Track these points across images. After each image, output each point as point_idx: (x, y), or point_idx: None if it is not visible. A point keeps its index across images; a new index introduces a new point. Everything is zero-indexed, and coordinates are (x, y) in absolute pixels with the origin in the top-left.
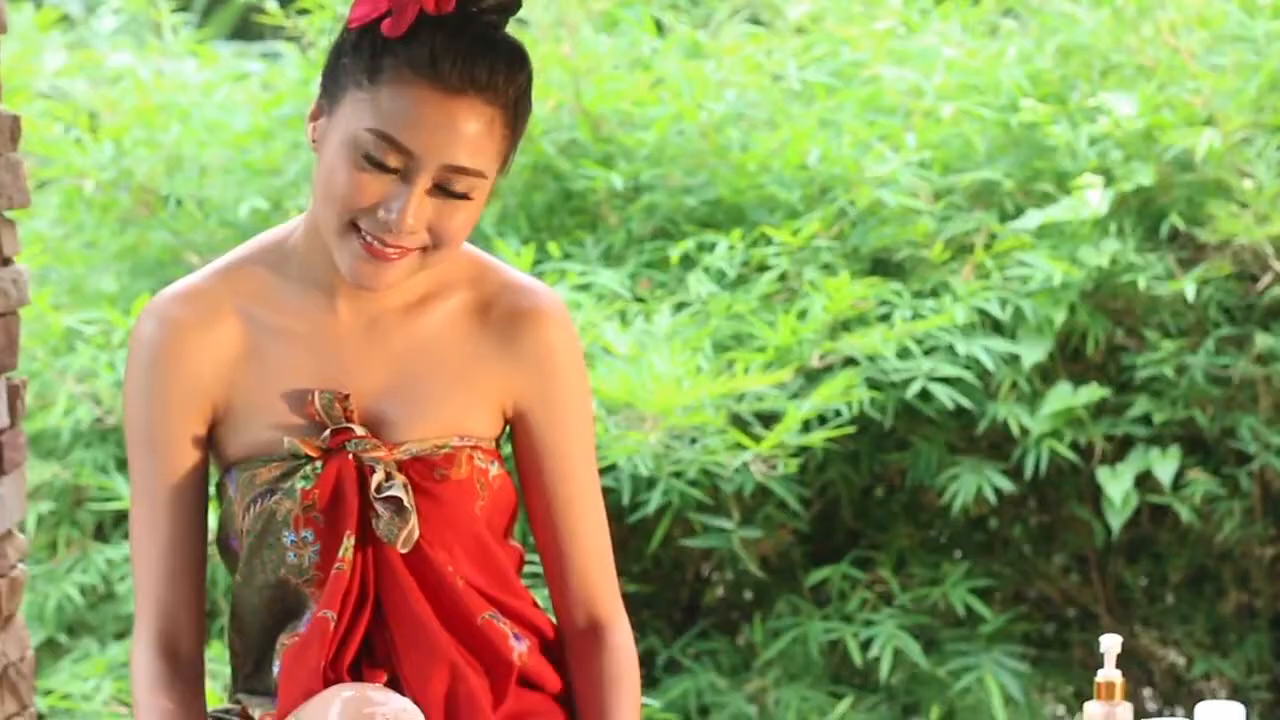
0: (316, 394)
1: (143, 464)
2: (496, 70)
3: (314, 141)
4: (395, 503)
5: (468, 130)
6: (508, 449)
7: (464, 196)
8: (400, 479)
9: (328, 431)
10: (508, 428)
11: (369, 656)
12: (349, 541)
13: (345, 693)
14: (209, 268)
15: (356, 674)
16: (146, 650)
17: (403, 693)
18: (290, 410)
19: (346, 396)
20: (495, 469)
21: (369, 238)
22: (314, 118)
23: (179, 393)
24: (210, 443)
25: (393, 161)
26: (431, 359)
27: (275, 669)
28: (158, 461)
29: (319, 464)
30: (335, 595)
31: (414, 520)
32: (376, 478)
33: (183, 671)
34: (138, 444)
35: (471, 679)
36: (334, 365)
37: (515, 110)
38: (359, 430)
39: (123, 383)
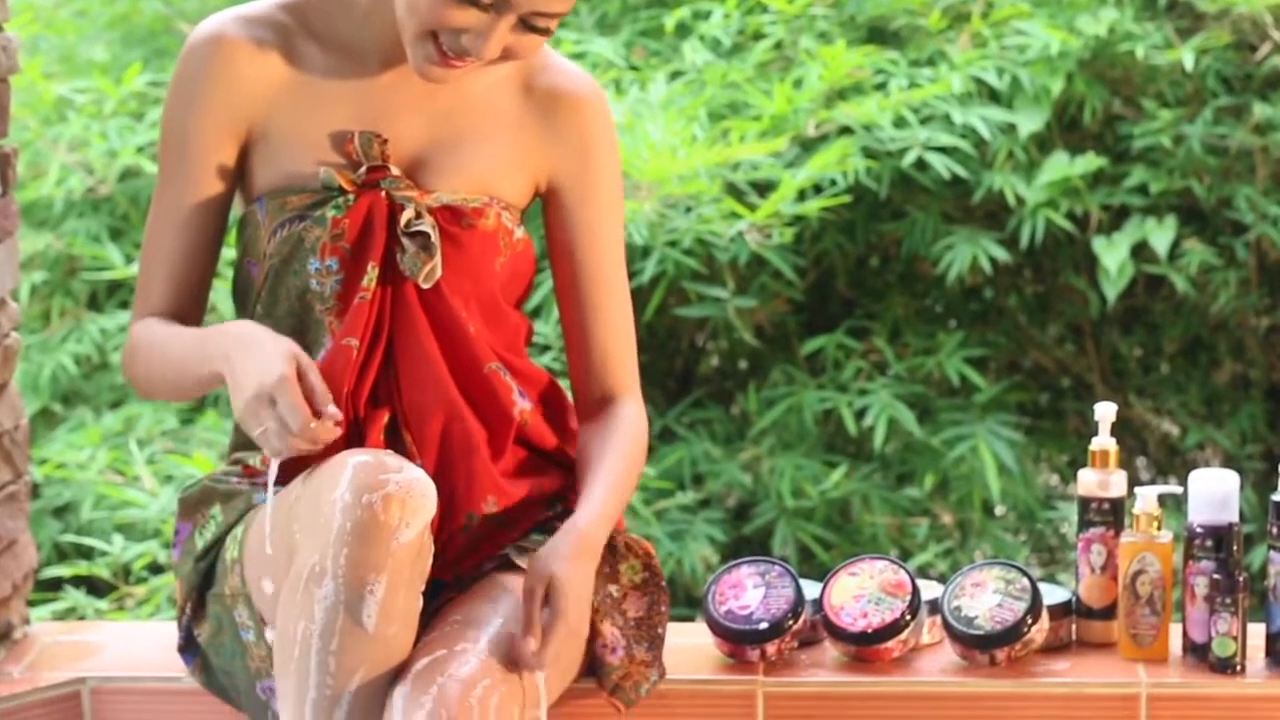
0: (356, 133)
1: (172, 169)
2: None
3: None
4: (422, 238)
5: None
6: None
7: (544, 31)
8: (429, 219)
9: (364, 168)
10: (535, 203)
11: (373, 394)
12: (373, 272)
13: (357, 458)
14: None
15: (370, 407)
16: (141, 321)
17: (399, 431)
18: (328, 145)
19: (385, 140)
20: (520, 232)
21: (447, 49)
22: None
23: (223, 105)
24: (241, 173)
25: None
26: (472, 119)
27: None
28: (188, 168)
29: (351, 196)
30: (357, 324)
31: (439, 257)
32: (406, 214)
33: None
34: (171, 149)
35: (469, 422)
36: (377, 109)
37: None
38: (394, 170)
39: (167, 90)
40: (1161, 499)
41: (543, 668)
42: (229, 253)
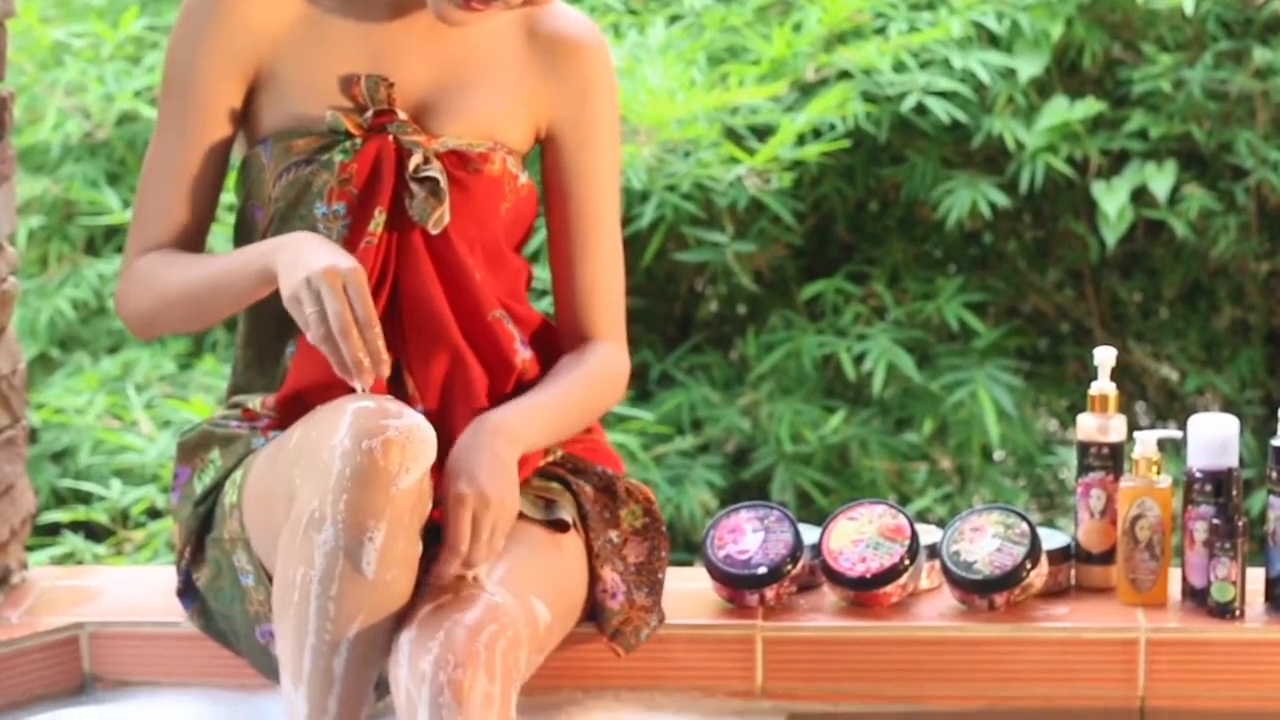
0: (363, 77)
1: (175, 111)
2: None
3: None
4: (431, 184)
5: None
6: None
7: None
8: (437, 164)
9: (370, 112)
10: (535, 148)
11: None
12: (380, 217)
13: (357, 403)
14: None
15: None
16: (140, 257)
17: (402, 376)
18: (335, 88)
19: (392, 84)
20: (524, 177)
21: None
22: None
23: (230, 44)
24: (246, 115)
25: None
26: (477, 64)
27: (289, 348)
28: (192, 111)
29: (359, 141)
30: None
31: (447, 203)
32: (415, 159)
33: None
34: (175, 91)
35: (472, 369)
36: (384, 53)
37: None
38: (401, 115)
39: (172, 31)
40: (1161, 444)
41: (475, 565)
42: (227, 197)
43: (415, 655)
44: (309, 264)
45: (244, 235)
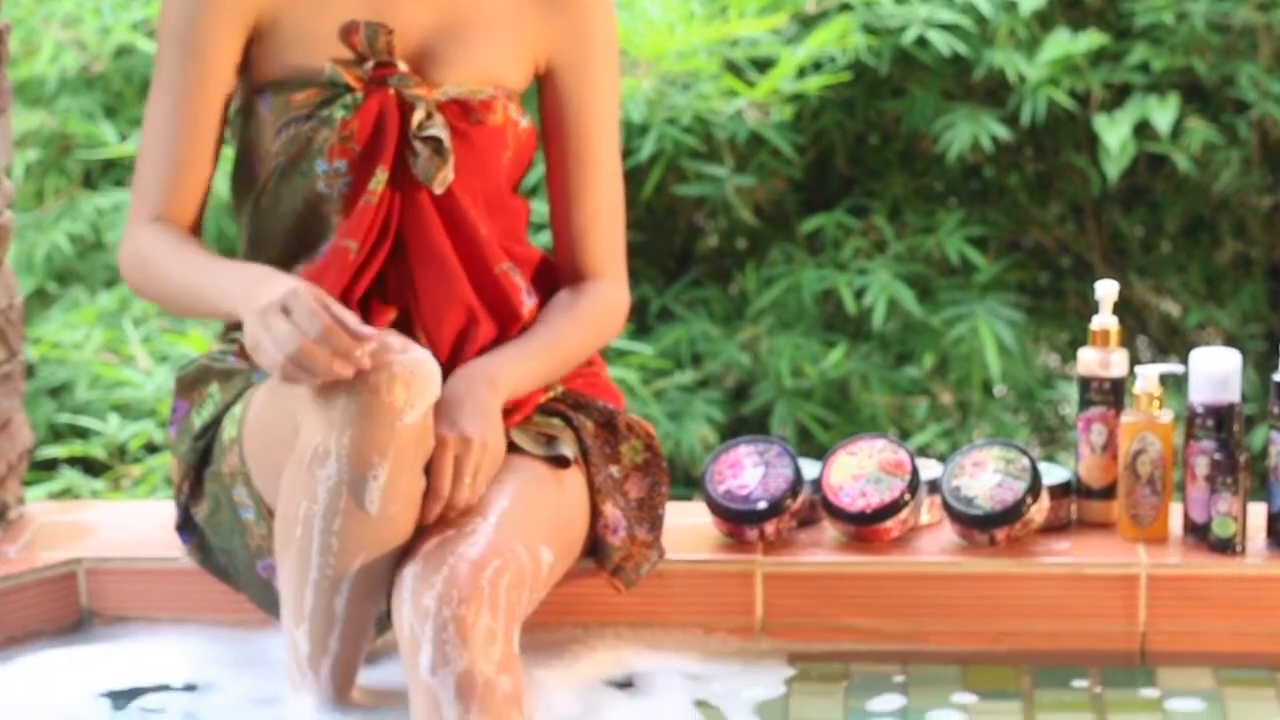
0: (362, 24)
1: (173, 61)
2: None
3: None
4: (435, 143)
5: None
6: None
7: None
8: (440, 119)
9: (370, 63)
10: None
11: (381, 292)
12: (381, 175)
13: None
14: None
15: (366, 306)
16: (144, 227)
17: (413, 331)
18: (334, 37)
19: (391, 31)
20: (525, 122)
21: None
22: None
23: None
24: (243, 64)
25: None
26: (475, 6)
27: None
28: (190, 61)
29: (360, 95)
30: (359, 227)
31: (452, 161)
32: (418, 115)
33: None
34: (172, 40)
35: (483, 324)
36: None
37: None
38: (402, 66)
39: None
40: (1162, 378)
41: (456, 508)
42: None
43: (418, 591)
44: (257, 305)
45: (242, 186)
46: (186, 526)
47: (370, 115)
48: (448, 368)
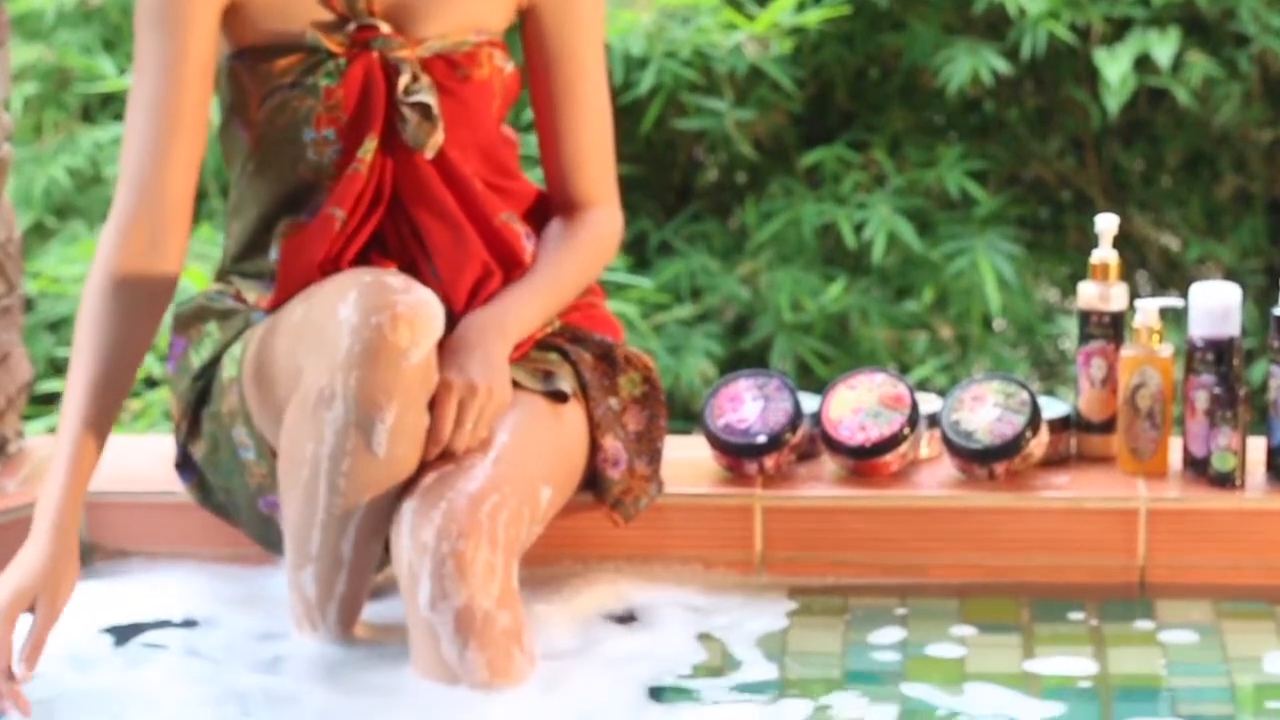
0: None
1: (151, 42)
2: None
3: None
4: (423, 109)
5: None
6: None
7: None
8: (426, 80)
9: (351, 25)
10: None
11: (380, 249)
12: (370, 143)
13: (363, 278)
14: None
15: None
16: (121, 236)
17: (431, 288)
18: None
19: None
20: (510, 67)
21: None
22: None
23: None
24: (223, 27)
25: None
26: None
27: (272, 254)
28: (170, 41)
29: (343, 61)
30: (347, 195)
31: (441, 126)
32: (404, 79)
33: (158, 267)
34: (150, 22)
35: (495, 276)
36: None
37: None
38: (384, 28)
39: None
40: (1162, 312)
41: (456, 452)
42: None
43: (418, 526)
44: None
45: (230, 150)
46: (185, 465)
47: (355, 82)
48: (459, 320)
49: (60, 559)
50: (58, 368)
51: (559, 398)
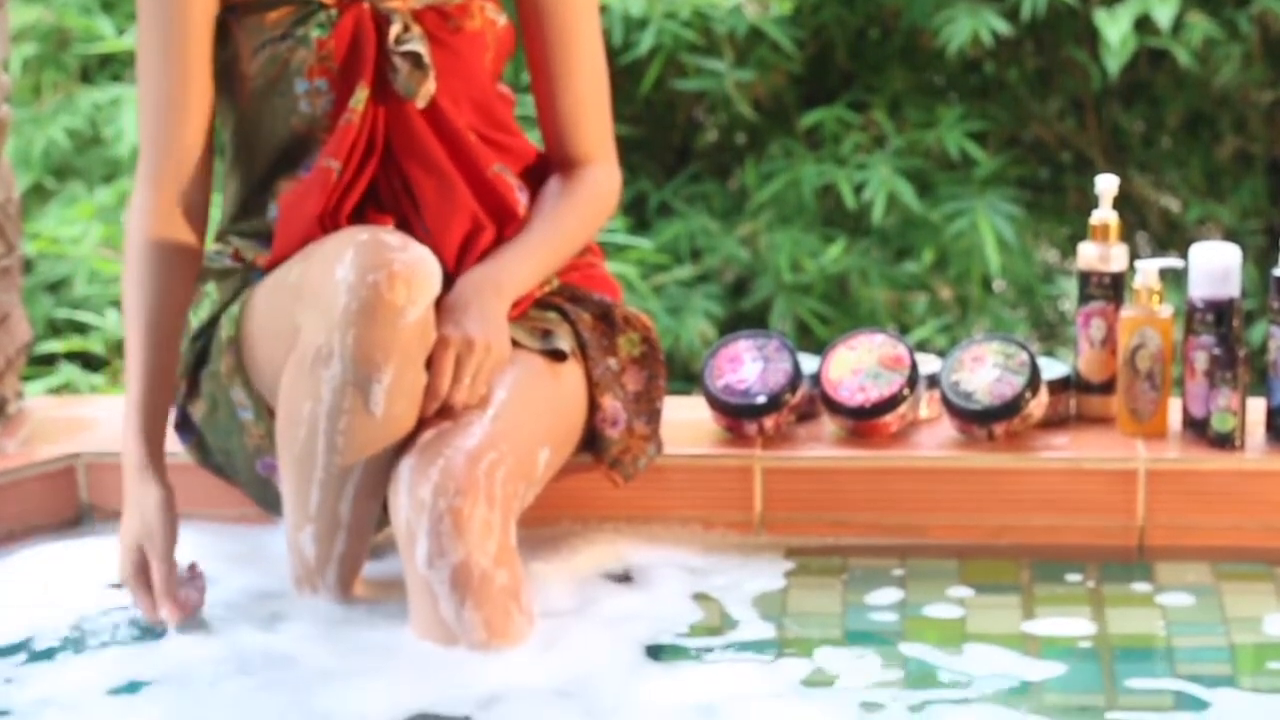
0: None
1: (153, 26)
2: None
3: None
4: (414, 57)
5: None
6: None
7: None
8: (417, 30)
9: None
10: None
11: (375, 202)
12: (362, 93)
13: (359, 237)
14: None
15: (358, 220)
16: (151, 197)
17: (415, 239)
18: None
19: None
20: (503, 20)
21: None
22: None
23: None
24: None
25: None
26: None
27: (270, 212)
28: (172, 23)
29: (334, 12)
30: (341, 146)
31: (432, 75)
32: (395, 29)
33: (190, 222)
34: (150, 4)
35: (487, 230)
36: None
37: None
38: None
39: None
40: (1162, 273)
41: (457, 404)
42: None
43: (415, 483)
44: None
45: (225, 104)
46: (184, 425)
47: (346, 32)
48: (453, 276)
49: (150, 510)
50: (56, 329)
51: (557, 356)
